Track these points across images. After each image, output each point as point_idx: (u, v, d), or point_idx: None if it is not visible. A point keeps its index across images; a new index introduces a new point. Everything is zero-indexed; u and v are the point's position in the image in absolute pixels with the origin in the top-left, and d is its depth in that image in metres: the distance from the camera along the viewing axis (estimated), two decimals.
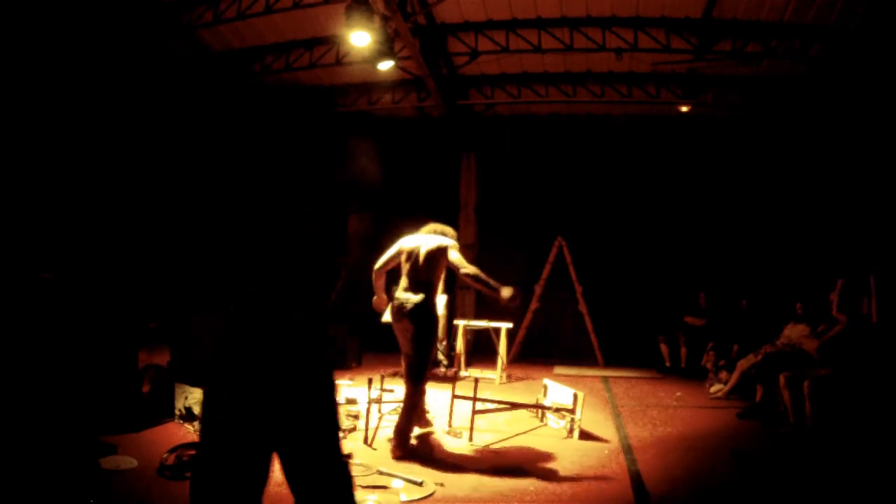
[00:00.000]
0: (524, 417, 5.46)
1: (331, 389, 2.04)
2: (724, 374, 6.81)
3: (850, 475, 4.03)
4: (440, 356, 7.83)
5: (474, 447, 4.58)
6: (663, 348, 8.80)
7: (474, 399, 4.90)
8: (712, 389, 6.84)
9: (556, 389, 5.40)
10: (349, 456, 2.13)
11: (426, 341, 4.39)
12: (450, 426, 5.03)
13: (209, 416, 1.91)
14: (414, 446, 4.46)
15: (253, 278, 1.96)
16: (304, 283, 2.01)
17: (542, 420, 5.36)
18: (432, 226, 4.95)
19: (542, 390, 5.64)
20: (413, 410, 4.42)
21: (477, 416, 4.99)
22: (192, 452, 3.50)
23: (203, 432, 1.94)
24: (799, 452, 4.65)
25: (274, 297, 1.95)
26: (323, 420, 1.99)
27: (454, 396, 5.12)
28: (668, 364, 8.72)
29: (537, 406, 5.41)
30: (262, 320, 1.91)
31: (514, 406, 5.47)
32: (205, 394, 1.93)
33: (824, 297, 5.79)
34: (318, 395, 1.97)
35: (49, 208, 5.27)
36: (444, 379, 7.15)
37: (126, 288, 5.07)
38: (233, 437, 1.87)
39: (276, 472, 1.96)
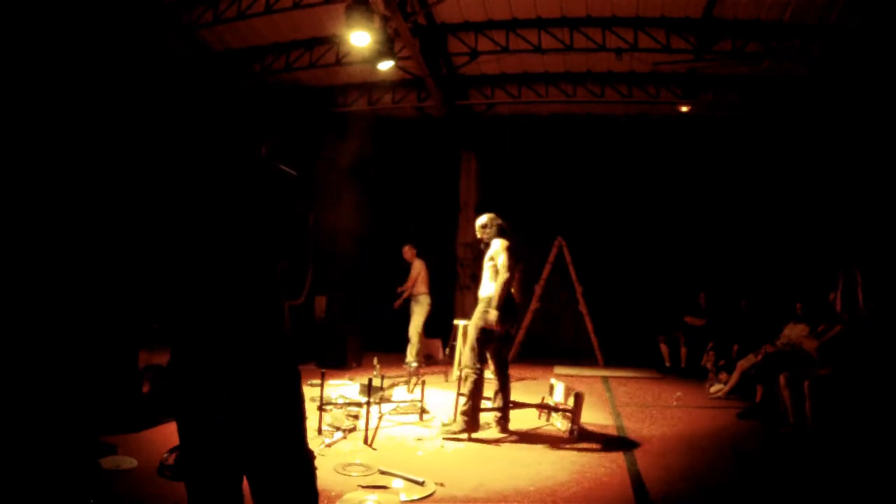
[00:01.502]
0: (526, 417, 5.45)
1: (296, 395, 1.99)
2: (724, 375, 6.81)
3: (850, 475, 4.03)
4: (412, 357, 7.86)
5: (475, 447, 4.57)
6: (663, 348, 8.81)
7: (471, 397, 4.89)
8: (712, 389, 6.84)
9: (562, 389, 5.40)
10: (314, 455, 2.07)
11: None
12: (453, 422, 5.02)
13: (185, 422, 1.90)
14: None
15: (218, 283, 1.90)
16: (268, 286, 1.96)
17: (547, 420, 5.36)
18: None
19: (549, 389, 5.64)
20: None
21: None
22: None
23: (182, 439, 1.92)
24: (799, 452, 4.65)
25: (239, 301, 1.91)
26: (288, 425, 1.96)
27: (458, 395, 5.11)
28: (668, 364, 8.72)
29: (537, 406, 5.41)
30: (227, 325, 1.88)
31: (516, 405, 5.46)
32: (177, 400, 1.91)
33: (824, 297, 5.80)
34: (282, 402, 1.94)
35: (49, 208, 5.27)
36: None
37: (127, 288, 5.07)
38: (210, 443, 1.87)
39: None
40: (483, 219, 5.16)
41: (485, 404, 4.96)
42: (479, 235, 5.18)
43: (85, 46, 6.06)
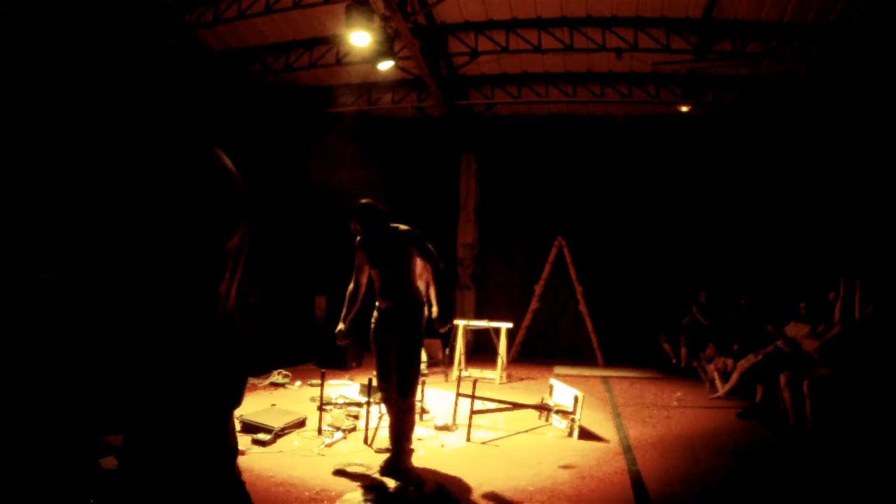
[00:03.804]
0: (525, 417, 5.46)
1: None
2: (730, 361, 6.73)
3: (850, 475, 4.03)
4: None
5: (475, 447, 4.58)
6: (666, 347, 8.80)
7: (472, 397, 4.90)
8: (717, 394, 6.77)
9: (562, 389, 5.40)
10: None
11: None
12: (453, 423, 5.03)
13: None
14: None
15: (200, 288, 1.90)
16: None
17: (547, 420, 5.36)
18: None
19: (549, 389, 5.64)
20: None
21: (478, 416, 4.99)
22: None
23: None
24: (799, 452, 4.66)
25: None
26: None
27: (458, 395, 5.12)
28: (674, 361, 8.69)
29: (536, 406, 5.41)
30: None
31: (516, 406, 5.47)
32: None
33: (824, 297, 5.80)
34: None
35: (50, 208, 5.27)
36: None
37: (127, 288, 5.06)
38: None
39: (274, 470, 1.95)
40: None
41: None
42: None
43: (86, 47, 6.06)
